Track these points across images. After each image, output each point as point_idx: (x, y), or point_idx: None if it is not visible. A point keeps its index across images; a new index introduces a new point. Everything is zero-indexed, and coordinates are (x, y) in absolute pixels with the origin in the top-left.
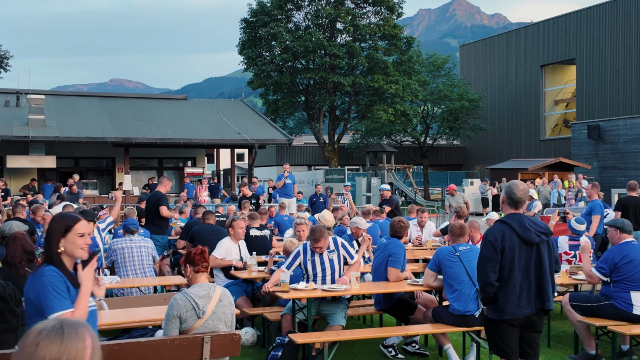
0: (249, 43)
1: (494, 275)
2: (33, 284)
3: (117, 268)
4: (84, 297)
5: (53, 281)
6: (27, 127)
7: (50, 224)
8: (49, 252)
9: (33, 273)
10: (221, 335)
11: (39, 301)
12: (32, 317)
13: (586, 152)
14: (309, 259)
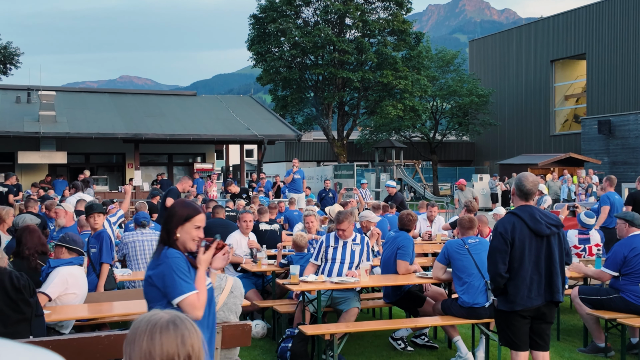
0: (258, 39)
1: (504, 266)
2: (156, 268)
3: (128, 261)
4: (202, 279)
5: (178, 263)
6: (38, 123)
7: (173, 208)
8: (168, 236)
9: (157, 257)
10: (232, 326)
11: (164, 284)
12: (156, 301)
13: (597, 148)
14: (331, 245)
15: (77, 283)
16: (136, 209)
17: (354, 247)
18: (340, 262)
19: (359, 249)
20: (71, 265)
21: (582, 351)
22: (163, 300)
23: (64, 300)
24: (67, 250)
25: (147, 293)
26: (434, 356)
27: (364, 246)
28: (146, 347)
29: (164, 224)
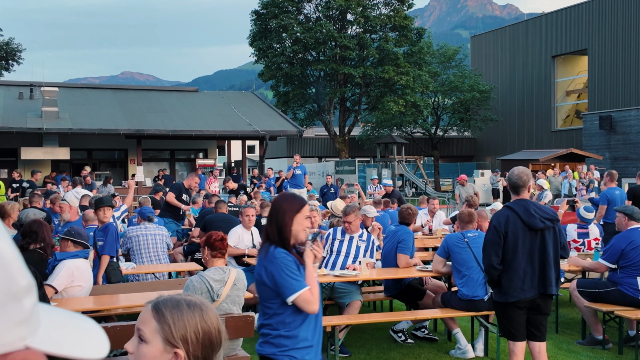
0: (259, 35)
1: (497, 258)
2: (265, 267)
3: (132, 255)
4: (311, 274)
5: (286, 262)
6: (40, 119)
7: (279, 203)
8: (278, 232)
9: (263, 257)
10: (235, 317)
11: (275, 283)
12: (269, 299)
13: (598, 143)
14: (337, 238)
15: (83, 276)
16: (140, 203)
17: (359, 243)
18: (345, 255)
19: (365, 245)
20: (77, 258)
21: (580, 343)
22: (277, 299)
23: (70, 293)
24: (72, 244)
25: (260, 292)
26: (434, 348)
27: (369, 243)
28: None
29: (272, 221)
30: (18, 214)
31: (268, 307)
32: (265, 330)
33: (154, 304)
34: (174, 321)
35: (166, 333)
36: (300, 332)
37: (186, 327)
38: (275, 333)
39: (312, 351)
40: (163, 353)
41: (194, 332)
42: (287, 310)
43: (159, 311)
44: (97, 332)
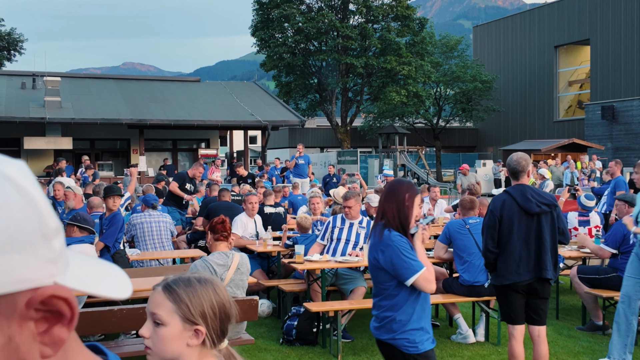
0: (261, 25)
1: (492, 242)
2: (382, 252)
3: (136, 242)
4: (423, 254)
5: (403, 245)
6: (43, 109)
7: (399, 187)
8: (400, 215)
9: (379, 241)
10: (239, 301)
11: (393, 267)
12: (384, 282)
13: (600, 133)
14: (337, 226)
15: None
16: (144, 191)
17: (359, 230)
18: (345, 242)
19: (365, 232)
20: (82, 243)
21: (581, 329)
22: (393, 281)
23: None
24: (78, 229)
25: (375, 275)
26: (436, 334)
27: (369, 230)
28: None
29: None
30: None
31: (383, 289)
32: (380, 313)
33: (164, 285)
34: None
35: (184, 312)
36: (414, 314)
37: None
38: (391, 317)
39: (425, 332)
40: (183, 332)
41: (210, 307)
42: (401, 292)
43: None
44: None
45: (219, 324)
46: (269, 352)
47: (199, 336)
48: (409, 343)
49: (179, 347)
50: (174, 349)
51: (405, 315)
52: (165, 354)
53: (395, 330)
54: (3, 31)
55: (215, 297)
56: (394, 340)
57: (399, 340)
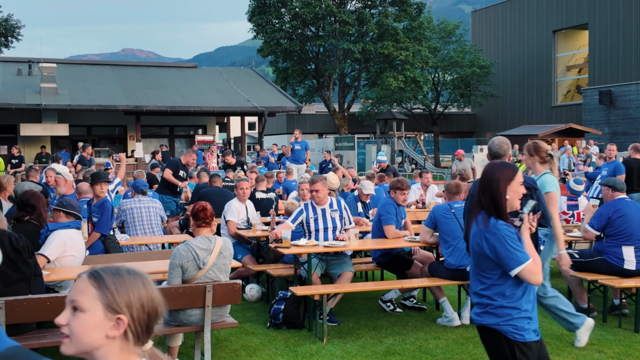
0: (258, 10)
1: None
2: (486, 240)
3: (126, 227)
4: (530, 245)
5: (509, 234)
6: (39, 95)
7: (491, 173)
8: (494, 202)
9: (484, 228)
10: (222, 284)
11: (497, 256)
12: (488, 270)
13: (597, 118)
14: (311, 217)
15: (75, 246)
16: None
17: (333, 214)
18: (324, 230)
19: (338, 214)
20: (69, 228)
21: None
22: (497, 270)
23: (63, 262)
24: (64, 215)
25: (479, 262)
26: (422, 317)
27: (342, 210)
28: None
29: (484, 192)
30: (14, 188)
31: (486, 277)
32: (483, 300)
33: (90, 272)
34: (117, 287)
35: (108, 299)
36: (522, 303)
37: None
38: (497, 304)
39: (532, 321)
40: (104, 321)
41: (137, 298)
42: (506, 282)
43: (98, 278)
44: None
45: (146, 319)
46: (256, 336)
47: (120, 326)
48: (515, 330)
49: (98, 338)
50: (93, 339)
51: (513, 303)
52: (82, 344)
53: (502, 316)
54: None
55: (143, 290)
56: (499, 326)
57: (505, 326)
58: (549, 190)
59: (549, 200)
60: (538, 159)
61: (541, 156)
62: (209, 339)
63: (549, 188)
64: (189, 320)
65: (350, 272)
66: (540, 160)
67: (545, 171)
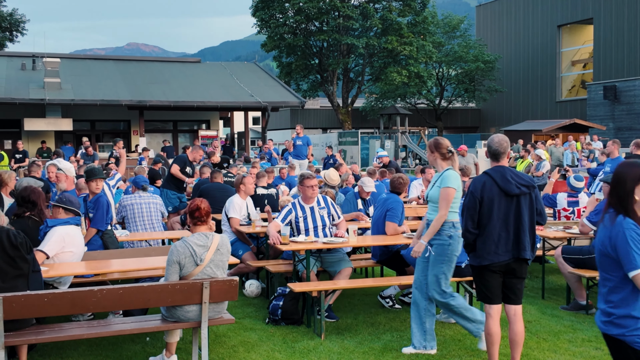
0: (262, 5)
1: (472, 223)
2: (610, 237)
3: (127, 223)
4: None
5: (633, 235)
6: (43, 90)
7: (622, 172)
8: (620, 202)
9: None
10: (219, 281)
11: (617, 253)
12: (610, 271)
13: (602, 113)
14: (300, 216)
15: (74, 242)
16: (135, 172)
17: (321, 212)
18: (314, 229)
19: (326, 212)
20: (68, 225)
21: (565, 309)
22: (619, 272)
23: (61, 258)
24: (63, 211)
25: (602, 263)
26: None
27: (329, 207)
28: None
29: (613, 191)
30: (15, 183)
31: (608, 278)
32: (608, 308)
33: None
34: None
35: None
36: None
37: None
38: (620, 313)
39: None
40: None
41: None
42: (628, 286)
43: None
44: None
45: None
46: (254, 332)
47: None
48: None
49: None
50: None
51: (636, 311)
52: None
53: (627, 326)
54: (5, 12)
55: None
56: (624, 336)
57: (631, 337)
58: (448, 186)
59: (444, 194)
60: (439, 155)
61: (442, 153)
62: (206, 335)
63: (449, 183)
64: (186, 317)
65: (350, 268)
66: (442, 157)
67: (447, 167)
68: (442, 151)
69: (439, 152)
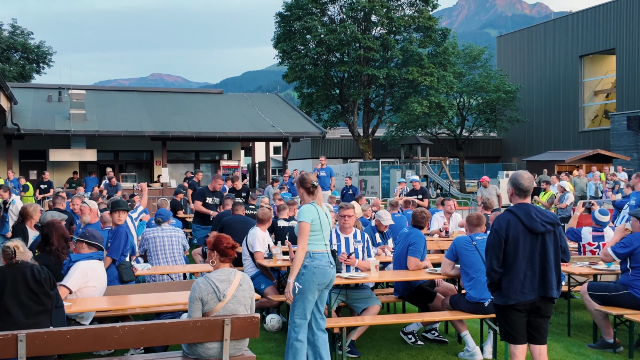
0: (283, 37)
1: (497, 261)
2: None
3: (149, 256)
4: None
5: None
6: (68, 121)
7: None
8: None
9: None
10: (241, 318)
11: None
12: None
13: (626, 144)
14: (334, 244)
15: (97, 276)
16: (157, 205)
17: (355, 245)
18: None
19: (361, 246)
20: (91, 259)
21: (591, 347)
22: None
23: (84, 293)
24: (87, 245)
25: None
26: (444, 350)
27: (365, 242)
28: None
29: None
30: (40, 216)
31: None
32: None
33: None
34: None
35: None
36: None
37: None
38: None
39: None
40: None
41: None
42: None
43: None
44: None
45: None
46: None
47: None
48: None
49: None
50: None
51: None
52: None
53: None
54: (32, 44)
55: None
56: None
57: None
58: (301, 220)
59: (299, 229)
60: (304, 190)
61: (306, 187)
62: None
63: (301, 218)
64: (207, 354)
65: (378, 305)
66: (307, 192)
67: (311, 201)
68: (307, 186)
69: (303, 187)
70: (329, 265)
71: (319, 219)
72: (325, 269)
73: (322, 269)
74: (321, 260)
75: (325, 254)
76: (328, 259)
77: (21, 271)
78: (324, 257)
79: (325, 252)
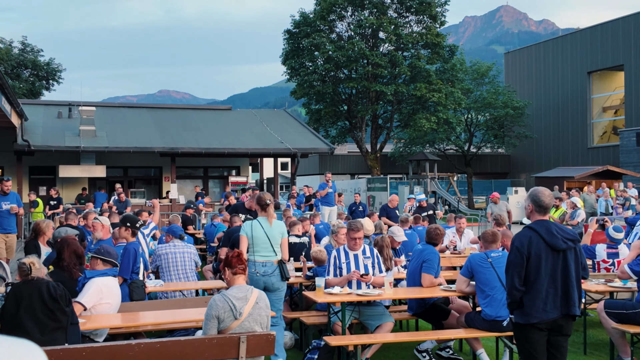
0: (292, 54)
1: (519, 279)
2: None
3: (161, 272)
4: None
5: None
6: (78, 137)
7: None
8: None
9: None
10: (257, 336)
11: None
12: None
13: (635, 160)
14: (343, 262)
15: (111, 293)
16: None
17: (365, 261)
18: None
19: (370, 262)
20: (105, 276)
21: None
22: None
23: (99, 310)
24: (102, 262)
25: None
26: None
27: (374, 258)
28: None
29: None
30: (53, 232)
31: None
32: None
33: None
34: None
35: None
36: None
37: None
38: None
39: None
40: None
41: None
42: None
43: None
44: None
45: None
46: None
47: None
48: None
49: None
50: None
51: None
52: None
53: None
54: (42, 61)
55: None
56: None
57: None
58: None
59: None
60: (259, 207)
61: (261, 205)
62: None
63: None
64: None
65: (391, 323)
66: (261, 208)
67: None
68: (261, 203)
69: (259, 204)
70: (255, 274)
71: (251, 232)
72: (252, 277)
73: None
74: (250, 268)
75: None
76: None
77: (37, 288)
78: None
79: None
